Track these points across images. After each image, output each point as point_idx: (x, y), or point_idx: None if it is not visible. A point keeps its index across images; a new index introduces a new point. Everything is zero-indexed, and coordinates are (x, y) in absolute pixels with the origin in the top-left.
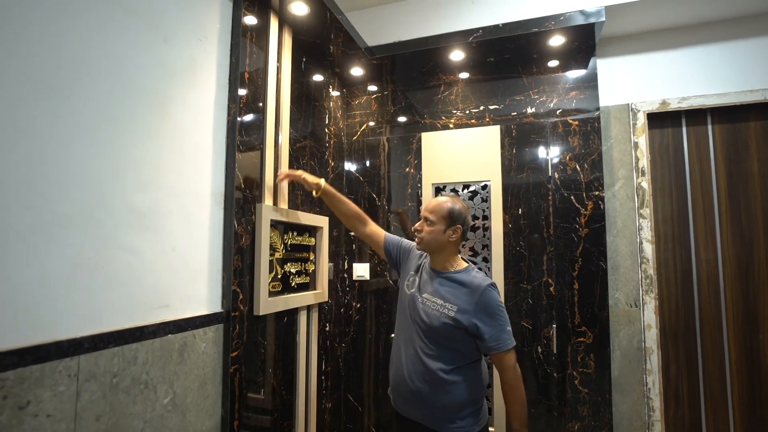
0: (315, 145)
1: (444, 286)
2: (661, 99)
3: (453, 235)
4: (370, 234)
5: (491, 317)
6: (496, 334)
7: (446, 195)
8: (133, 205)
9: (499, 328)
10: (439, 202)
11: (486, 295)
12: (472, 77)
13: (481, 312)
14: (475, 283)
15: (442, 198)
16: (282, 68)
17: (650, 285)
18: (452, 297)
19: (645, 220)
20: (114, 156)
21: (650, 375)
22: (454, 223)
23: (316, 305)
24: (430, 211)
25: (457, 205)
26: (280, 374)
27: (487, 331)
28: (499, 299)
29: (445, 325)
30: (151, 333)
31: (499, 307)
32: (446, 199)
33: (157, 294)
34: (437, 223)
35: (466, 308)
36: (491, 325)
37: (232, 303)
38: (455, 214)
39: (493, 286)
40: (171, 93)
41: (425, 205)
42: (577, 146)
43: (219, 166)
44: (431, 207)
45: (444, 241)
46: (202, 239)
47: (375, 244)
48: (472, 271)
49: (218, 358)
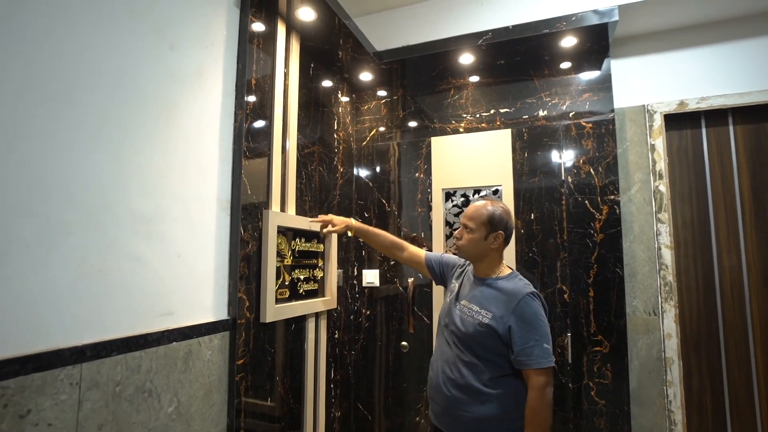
0: (324, 151)
1: (483, 293)
2: (678, 99)
3: (495, 242)
4: (410, 257)
5: (526, 328)
6: (528, 347)
7: (486, 198)
8: (138, 212)
9: (532, 342)
10: (478, 207)
11: (525, 303)
12: (482, 80)
13: (516, 318)
14: (515, 290)
15: (481, 202)
16: (290, 74)
17: (670, 292)
18: (489, 304)
19: (663, 225)
20: (118, 162)
21: (671, 386)
22: (496, 228)
23: (324, 312)
24: (469, 218)
25: (498, 209)
26: (288, 382)
27: (518, 341)
28: (539, 310)
29: (478, 332)
30: (156, 341)
31: (538, 318)
32: (485, 203)
33: (161, 301)
34: (477, 230)
35: (501, 315)
36: (524, 337)
37: (238, 310)
38: (496, 219)
39: (535, 296)
40: (176, 99)
41: (465, 212)
42: (591, 149)
43: (225, 173)
44: (470, 213)
45: (485, 248)
46: (207, 246)
47: (417, 265)
48: (515, 278)
49: (224, 365)
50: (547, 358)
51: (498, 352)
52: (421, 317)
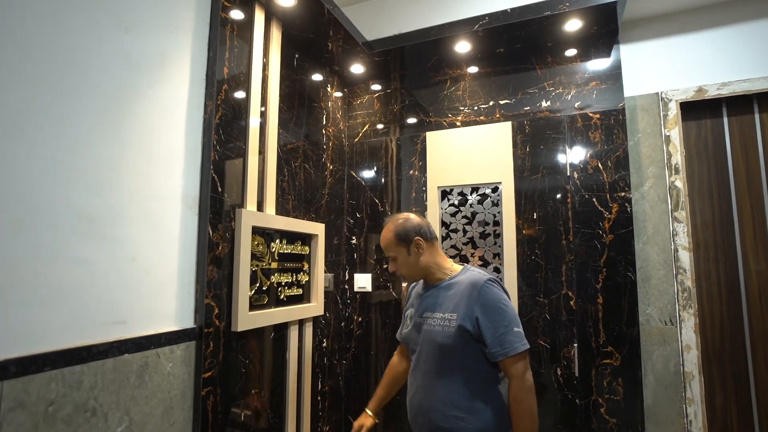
0: (310, 148)
1: (442, 296)
2: (696, 86)
3: (419, 250)
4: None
5: (493, 316)
6: (500, 336)
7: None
8: (83, 211)
9: (503, 329)
10: (383, 236)
11: (485, 292)
12: (480, 71)
13: (481, 307)
14: (473, 281)
15: (383, 232)
16: (270, 64)
17: (688, 299)
18: (452, 304)
19: (680, 225)
20: (61, 155)
21: (691, 405)
22: (408, 240)
23: (310, 319)
24: (385, 249)
25: (397, 223)
26: (266, 395)
27: (489, 333)
28: (501, 295)
29: (449, 338)
30: (102, 353)
31: (503, 303)
32: (386, 228)
33: (110, 309)
34: (398, 253)
35: (466, 312)
36: (494, 326)
37: (205, 318)
38: (402, 234)
39: (493, 282)
40: (134, 88)
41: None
42: (599, 142)
43: (193, 169)
44: (383, 245)
45: (416, 261)
46: (170, 248)
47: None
48: (467, 271)
49: (188, 379)
50: (521, 341)
51: (474, 355)
52: None
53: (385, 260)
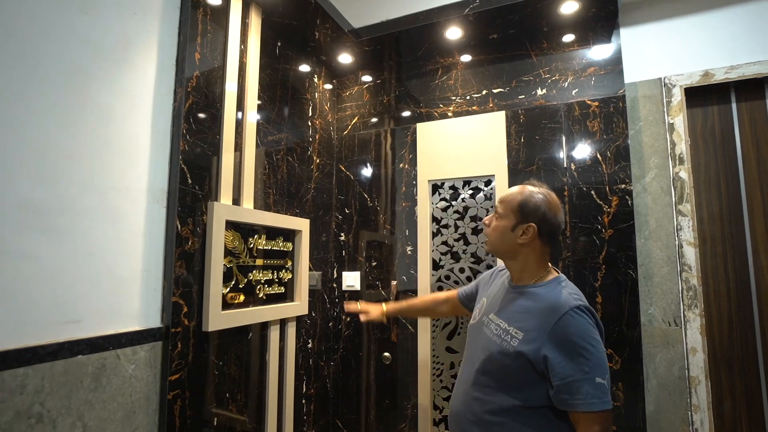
0: (294, 140)
1: (515, 303)
2: (702, 70)
3: (524, 236)
4: (453, 306)
5: (570, 355)
6: (573, 381)
7: (530, 183)
8: (31, 202)
9: (579, 374)
10: (513, 190)
11: (567, 322)
12: (473, 58)
13: (555, 344)
14: (555, 303)
15: (518, 188)
16: (248, 51)
17: (694, 298)
18: (521, 318)
19: (685, 219)
20: (6, 142)
21: (697, 412)
22: (526, 218)
23: (293, 319)
24: (500, 200)
25: (537, 195)
26: (242, 399)
27: (558, 374)
28: (590, 331)
29: (504, 356)
30: (50, 354)
31: (588, 342)
32: (523, 187)
33: (63, 307)
34: (505, 216)
35: (535, 336)
36: (568, 367)
37: (173, 317)
38: (529, 207)
39: (581, 311)
40: (92, 72)
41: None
42: (597, 131)
43: (161, 159)
44: (503, 195)
45: (512, 242)
46: (134, 243)
47: (458, 309)
48: (557, 286)
49: (154, 381)
50: (602, 398)
51: (528, 381)
52: (405, 325)
53: (375, 259)
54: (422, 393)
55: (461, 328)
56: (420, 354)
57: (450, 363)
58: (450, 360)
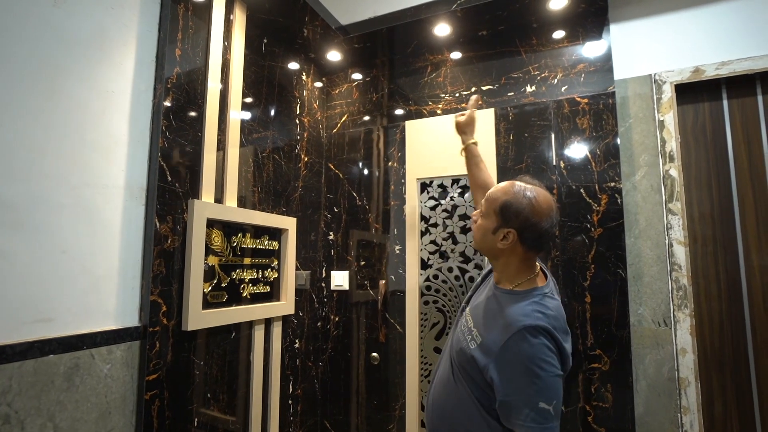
0: (280, 137)
1: (488, 306)
2: (692, 66)
3: (503, 240)
4: None
5: (514, 375)
6: (513, 401)
7: (522, 180)
8: (1, 197)
9: (521, 396)
10: (498, 189)
11: (515, 343)
12: (462, 55)
13: (502, 362)
14: (511, 318)
15: (505, 185)
16: (232, 47)
17: (684, 298)
18: (485, 324)
19: (675, 217)
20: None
21: (687, 413)
22: (506, 222)
23: (279, 318)
24: (485, 199)
25: (522, 197)
26: (225, 399)
27: (502, 390)
28: (541, 353)
29: (464, 353)
30: (19, 353)
31: (535, 365)
32: (511, 184)
33: (33, 306)
34: (487, 216)
35: (489, 347)
36: (510, 387)
37: (150, 316)
38: (510, 210)
39: (536, 331)
40: (67, 67)
41: None
42: (587, 129)
43: (139, 156)
44: (489, 192)
45: (492, 244)
46: (110, 240)
47: None
48: (529, 298)
49: (131, 382)
50: (543, 423)
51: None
52: (393, 325)
53: (364, 258)
54: (410, 394)
55: (449, 329)
56: (408, 354)
57: None
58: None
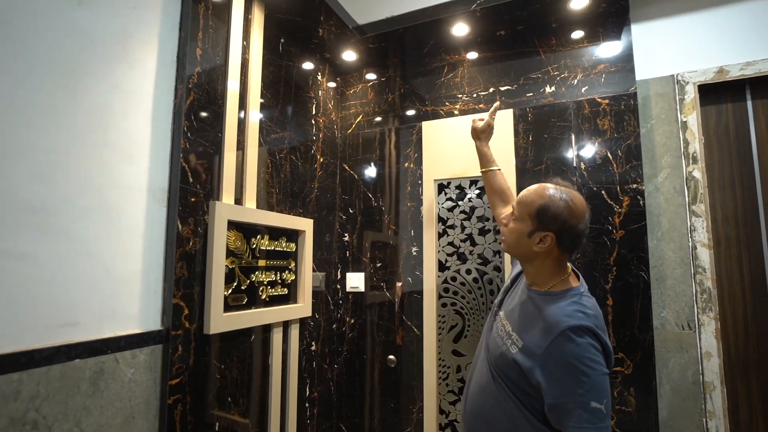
0: (297, 138)
1: (523, 308)
2: (716, 66)
3: (539, 244)
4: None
5: (563, 377)
6: (565, 404)
7: (553, 183)
8: (25, 199)
9: (572, 397)
10: (533, 190)
11: (560, 344)
12: (480, 55)
13: (550, 365)
14: (553, 319)
15: (539, 189)
16: (250, 47)
17: (708, 301)
18: (523, 327)
19: (699, 219)
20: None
21: (712, 418)
22: (544, 226)
23: (297, 321)
24: (518, 201)
25: (560, 200)
26: (245, 403)
27: (551, 393)
28: (588, 352)
29: (504, 358)
30: (46, 358)
31: (584, 365)
32: (545, 187)
33: (59, 310)
34: (521, 219)
35: (532, 350)
36: (560, 389)
37: (173, 319)
38: (548, 214)
39: (581, 331)
40: (91, 68)
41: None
42: (608, 130)
43: (161, 157)
44: (522, 195)
45: (528, 247)
46: (134, 243)
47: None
48: (568, 298)
49: (153, 386)
50: (597, 423)
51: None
52: (410, 327)
53: (380, 260)
54: (428, 397)
55: (468, 331)
56: (426, 357)
57: (456, 366)
58: (456, 363)
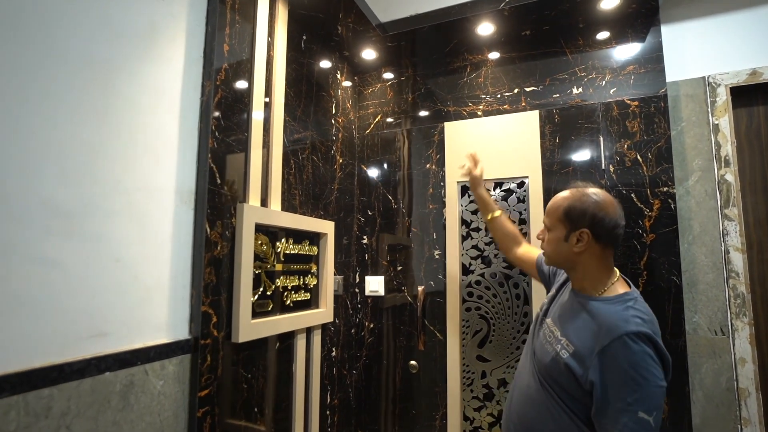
0: (318, 138)
1: (573, 313)
2: (749, 69)
3: (578, 244)
4: (522, 255)
5: (616, 382)
6: (613, 410)
7: (574, 188)
8: (55, 203)
9: (621, 403)
10: (556, 198)
11: (619, 347)
12: (503, 55)
13: (603, 368)
14: (610, 323)
15: (562, 194)
16: (275, 44)
17: (742, 306)
18: (574, 332)
19: (732, 223)
20: (30, 138)
21: (747, 425)
22: (576, 225)
23: (319, 326)
24: (546, 213)
25: (583, 197)
26: (271, 414)
27: (601, 397)
28: (644, 361)
29: (555, 367)
30: (78, 372)
31: (638, 373)
32: (566, 195)
33: (90, 319)
34: (554, 228)
35: (584, 354)
36: (610, 394)
37: (202, 328)
38: (575, 213)
39: (639, 338)
40: (119, 63)
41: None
42: (637, 132)
43: (188, 158)
44: (548, 206)
45: (568, 252)
46: (161, 248)
47: (526, 264)
48: (623, 303)
49: (182, 398)
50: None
51: (581, 398)
52: (432, 332)
53: (400, 263)
54: (451, 403)
55: (492, 336)
56: (449, 363)
57: (481, 372)
58: (481, 369)
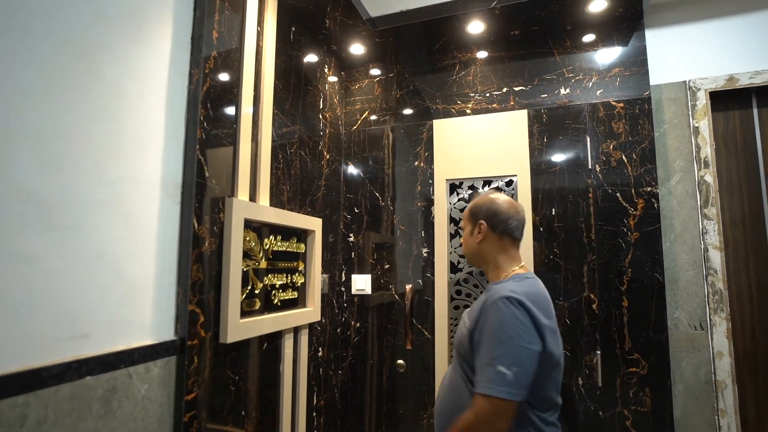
0: (306, 133)
1: (479, 300)
2: (727, 74)
3: (478, 235)
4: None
5: (485, 341)
6: (481, 365)
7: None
8: (31, 192)
9: (486, 359)
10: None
11: (487, 311)
12: (492, 54)
13: (479, 329)
14: (492, 293)
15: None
16: (264, 33)
17: (720, 302)
18: (473, 311)
19: (710, 222)
20: (4, 122)
21: (724, 416)
22: (476, 219)
23: (306, 326)
24: (462, 217)
25: (482, 199)
26: (257, 416)
27: (476, 355)
28: (510, 321)
29: (461, 341)
30: (56, 377)
31: (503, 330)
32: (473, 200)
33: (69, 320)
34: (464, 228)
35: (475, 322)
36: (481, 351)
37: (189, 328)
38: (475, 209)
39: (508, 302)
40: (104, 45)
41: None
42: (622, 133)
43: (175, 149)
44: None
45: (474, 245)
46: (146, 243)
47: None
48: (509, 280)
49: (167, 402)
50: (498, 386)
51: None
52: (420, 331)
53: (386, 260)
54: None
55: None
56: (437, 361)
57: None
58: None
